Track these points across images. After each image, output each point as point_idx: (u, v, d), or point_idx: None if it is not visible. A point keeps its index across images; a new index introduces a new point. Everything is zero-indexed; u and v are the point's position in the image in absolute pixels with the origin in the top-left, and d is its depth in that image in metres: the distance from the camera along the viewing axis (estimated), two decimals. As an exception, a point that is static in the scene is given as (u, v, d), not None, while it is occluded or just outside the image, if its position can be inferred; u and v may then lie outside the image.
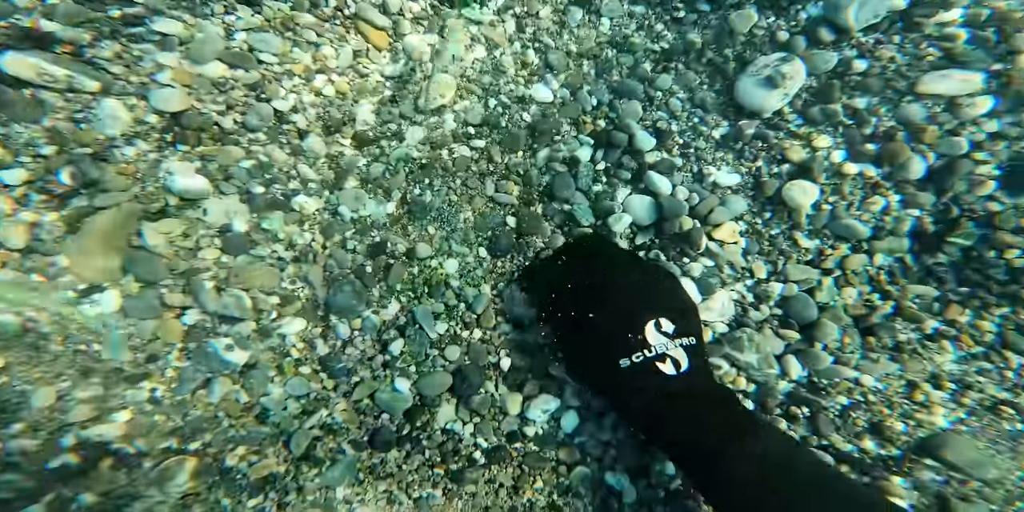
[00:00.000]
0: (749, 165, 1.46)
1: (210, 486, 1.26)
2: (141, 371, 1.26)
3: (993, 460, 1.32)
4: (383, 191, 1.40)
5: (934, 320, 1.38)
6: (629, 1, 1.53)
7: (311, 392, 1.33)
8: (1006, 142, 1.38)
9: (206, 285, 1.28)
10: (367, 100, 1.41)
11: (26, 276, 1.20)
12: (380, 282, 1.36)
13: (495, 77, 1.47)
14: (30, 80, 1.19)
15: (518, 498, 1.34)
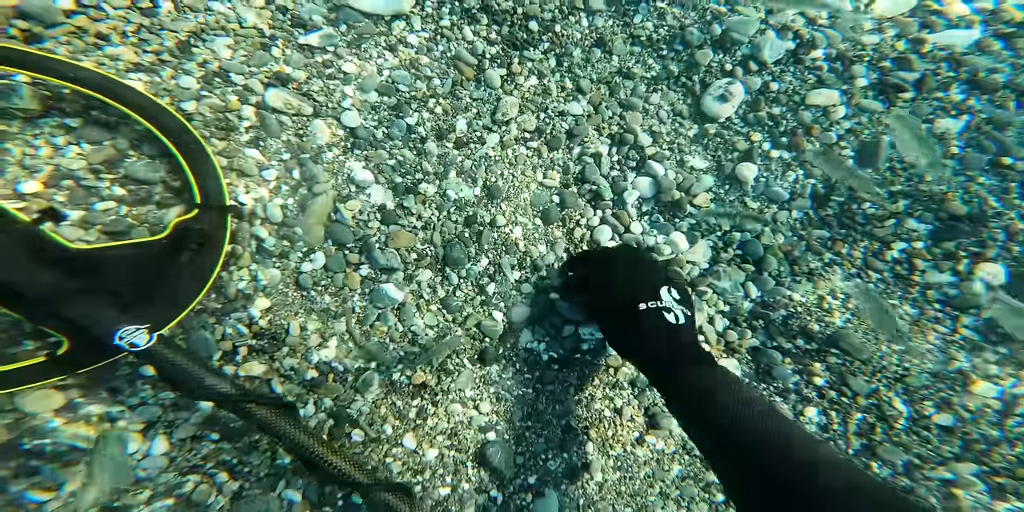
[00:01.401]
0: (713, 154, 1.76)
1: (387, 392, 1.44)
2: (341, 309, 1.46)
3: (865, 346, 1.63)
4: (471, 179, 1.60)
5: (828, 253, 1.71)
6: (631, 43, 1.78)
7: (439, 323, 1.50)
8: (855, 135, 1.78)
9: (376, 246, 1.49)
10: (462, 116, 1.63)
11: (282, 241, 1.45)
12: (474, 243, 1.55)
13: (543, 98, 1.69)
14: (279, 108, 1.51)
15: (580, 393, 1.54)
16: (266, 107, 1.50)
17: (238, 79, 1.49)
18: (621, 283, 1.40)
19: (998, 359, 1.62)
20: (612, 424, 1.53)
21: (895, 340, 1.64)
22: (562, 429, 1.50)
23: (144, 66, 1.42)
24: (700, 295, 1.65)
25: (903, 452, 1.54)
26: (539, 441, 1.47)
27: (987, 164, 1.76)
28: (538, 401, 1.51)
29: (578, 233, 1.66)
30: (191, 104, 1.43)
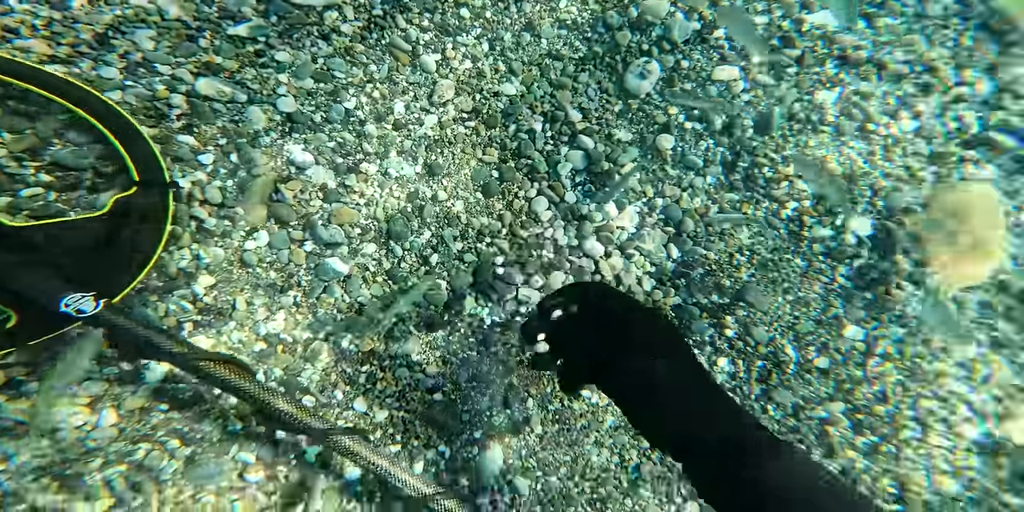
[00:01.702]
0: (636, 127, 1.55)
1: (336, 361, 1.24)
2: (287, 284, 1.23)
3: (767, 298, 1.49)
4: (412, 158, 1.36)
5: (737, 213, 1.54)
6: (557, 27, 1.54)
7: (384, 293, 1.29)
8: (752, 107, 1.59)
9: (319, 223, 1.26)
10: (400, 99, 1.38)
11: (223, 221, 1.20)
12: (417, 217, 1.34)
13: (479, 80, 1.46)
14: (211, 96, 1.26)
15: (523, 353, 1.34)
16: (197, 95, 1.23)
17: (164, 69, 1.22)
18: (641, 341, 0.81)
19: (864, 304, 1.48)
20: (551, 380, 1.34)
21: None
22: (505, 387, 1.30)
23: (60, 57, 1.15)
24: (629, 258, 1.47)
25: (792, 395, 1.40)
26: (483, 399, 1.28)
27: (856, 130, 1.59)
28: (482, 363, 1.31)
29: (517, 205, 1.44)
30: (116, 93, 1.17)
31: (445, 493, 1.10)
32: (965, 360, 1.45)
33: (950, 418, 1.41)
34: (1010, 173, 1.57)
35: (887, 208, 1.52)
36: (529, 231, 1.45)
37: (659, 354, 0.77)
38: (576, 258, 1.46)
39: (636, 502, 1.29)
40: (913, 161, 1.57)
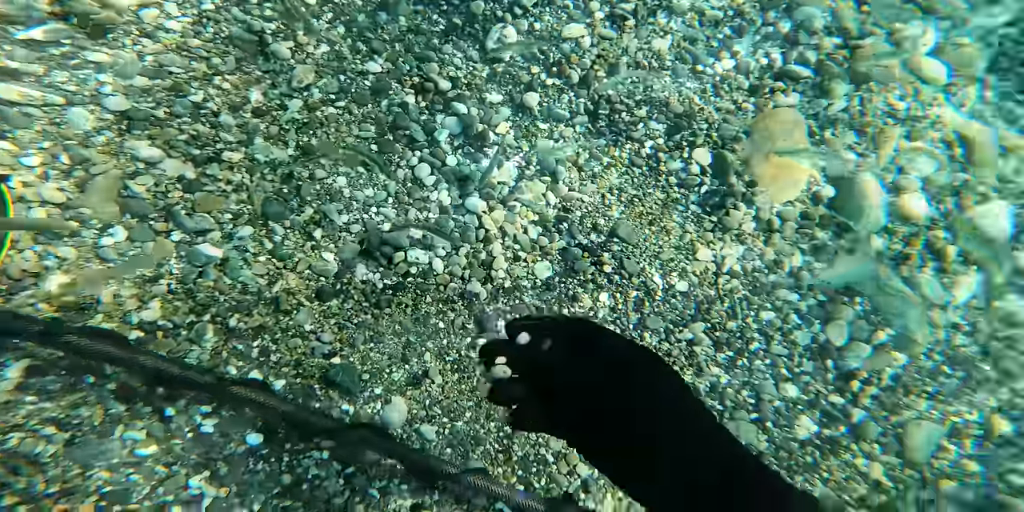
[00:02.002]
0: (506, 88, 1.36)
1: (225, 340, 1.03)
2: (157, 273, 1.01)
3: (637, 232, 1.35)
4: (282, 142, 1.13)
5: (606, 157, 1.38)
6: (412, 3, 1.32)
7: (268, 271, 1.08)
8: (603, 59, 1.41)
9: (181, 213, 1.03)
10: (255, 88, 1.13)
11: (69, 222, 0.96)
12: (295, 197, 1.12)
13: (340, 62, 1.22)
14: (17, 101, 0.95)
15: (417, 312, 1.17)
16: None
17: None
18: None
19: (712, 227, 1.37)
20: (447, 334, 1.18)
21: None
22: (403, 345, 1.14)
23: None
24: (511, 210, 1.29)
25: (662, 320, 1.29)
26: (382, 358, 1.12)
27: (689, 72, 1.45)
28: (378, 324, 1.13)
29: (401, 174, 1.25)
30: None
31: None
32: (795, 267, 1.38)
33: (784, 327, 1.32)
34: (810, 99, 1.47)
35: (721, 138, 1.40)
36: (415, 196, 1.27)
37: (671, 413, 0.47)
38: (460, 216, 1.29)
39: (540, 436, 1.17)
40: (737, 95, 1.44)
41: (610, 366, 0.49)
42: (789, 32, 1.51)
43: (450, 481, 1.00)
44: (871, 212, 1.34)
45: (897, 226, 1.37)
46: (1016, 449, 1.20)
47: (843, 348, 1.28)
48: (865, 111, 1.43)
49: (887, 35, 1.52)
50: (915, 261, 1.34)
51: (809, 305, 1.32)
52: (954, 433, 1.23)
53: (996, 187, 1.39)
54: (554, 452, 1.15)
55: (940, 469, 1.21)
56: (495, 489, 1.00)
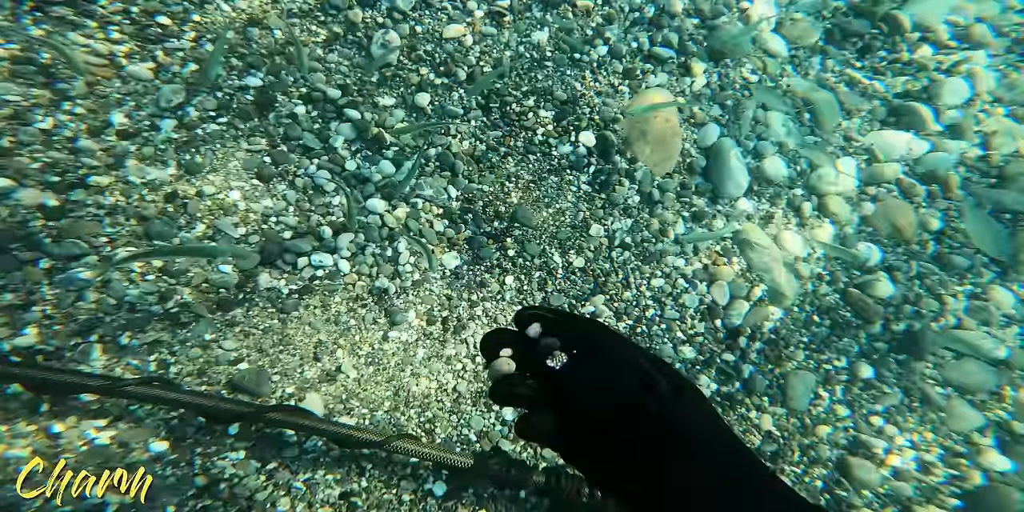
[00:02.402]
0: (397, 91, 1.28)
1: (118, 357, 0.93)
2: (27, 301, 0.90)
3: (535, 215, 1.31)
4: (160, 162, 1.03)
5: (503, 147, 1.32)
6: (285, 17, 1.20)
7: (160, 288, 0.98)
8: (488, 55, 1.36)
9: (45, 241, 0.92)
10: (116, 111, 1.01)
11: None
12: (183, 214, 1.03)
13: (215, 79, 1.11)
14: None
15: (327, 311, 1.11)
16: None
17: None
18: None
19: (602, 204, 1.34)
20: (359, 330, 1.12)
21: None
22: (314, 345, 1.08)
23: None
24: (414, 206, 1.24)
25: (565, 296, 1.26)
26: (293, 359, 1.06)
27: (568, 60, 1.40)
28: (287, 327, 1.07)
29: (300, 182, 1.17)
30: None
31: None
32: (680, 235, 1.37)
33: (674, 292, 1.31)
34: (677, 77, 1.46)
35: (602, 120, 1.37)
36: (316, 203, 1.19)
37: (694, 434, 0.38)
38: (363, 217, 1.23)
39: (460, 418, 1.14)
40: (613, 79, 1.42)
41: (625, 377, 0.39)
42: (653, 16, 1.48)
43: (378, 448, 0.94)
44: (736, 177, 1.35)
45: (762, 188, 1.39)
46: (876, 392, 1.24)
47: (727, 306, 1.30)
48: (724, 85, 1.43)
49: (739, 14, 1.51)
50: (779, 218, 1.36)
51: (694, 269, 1.33)
52: (827, 380, 1.26)
53: (841, 146, 1.42)
54: (476, 432, 1.12)
55: (817, 416, 1.23)
56: (423, 450, 0.96)
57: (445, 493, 1.05)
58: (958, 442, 1.23)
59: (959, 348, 1.27)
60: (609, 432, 0.37)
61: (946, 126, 1.45)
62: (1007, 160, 1.43)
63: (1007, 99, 1.50)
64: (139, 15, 1.06)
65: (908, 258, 1.34)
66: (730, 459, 0.37)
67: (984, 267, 1.35)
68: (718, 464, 0.36)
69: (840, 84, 1.50)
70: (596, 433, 0.37)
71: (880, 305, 1.29)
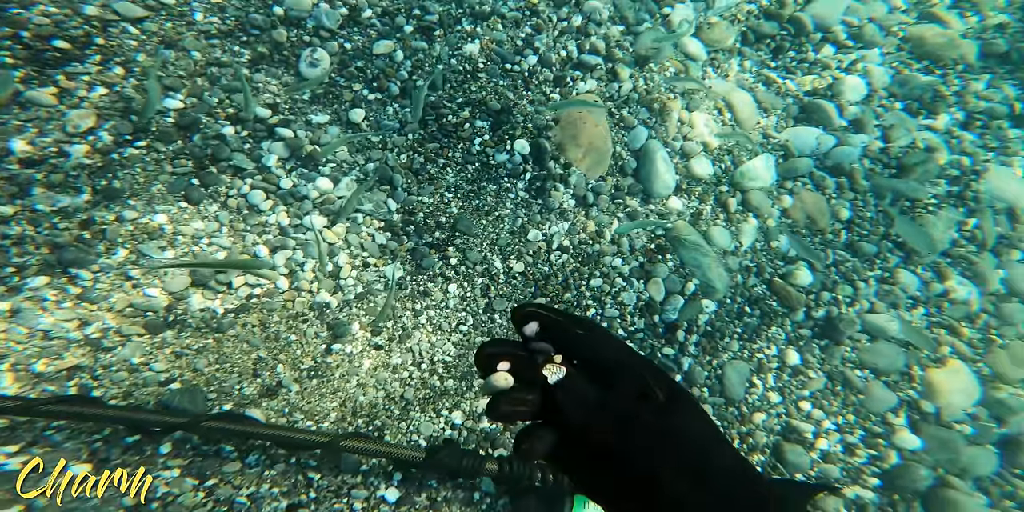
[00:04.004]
0: (331, 108, 1.22)
1: (33, 383, 0.83)
2: None
3: (475, 223, 1.27)
4: (72, 188, 0.96)
5: (441, 159, 1.29)
6: (204, 38, 1.14)
7: (79, 315, 0.91)
8: (421, 69, 1.33)
9: None
10: (16, 138, 0.94)
11: None
12: (102, 241, 0.96)
13: (127, 103, 1.04)
14: None
15: (266, 329, 1.06)
16: None
17: None
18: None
19: (539, 209, 1.31)
20: (300, 345, 1.08)
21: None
22: (252, 361, 1.03)
23: None
24: (354, 221, 1.20)
25: (507, 301, 1.23)
26: (231, 377, 1.01)
27: (501, 71, 1.38)
28: (222, 346, 1.02)
29: (233, 203, 1.12)
30: None
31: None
32: (615, 235, 1.35)
33: (612, 290, 1.29)
34: (605, 83, 1.46)
35: (536, 128, 1.36)
36: (251, 222, 1.13)
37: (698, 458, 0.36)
38: (301, 234, 1.18)
39: (409, 424, 1.10)
40: (545, 87, 1.40)
41: (625, 388, 0.36)
42: (580, 25, 1.48)
43: (326, 448, 0.89)
44: (664, 178, 1.35)
45: (692, 186, 1.40)
46: (803, 377, 1.26)
47: (664, 302, 1.30)
48: (650, 89, 1.44)
49: (662, 20, 1.52)
50: (707, 215, 1.37)
51: (631, 268, 1.33)
52: (759, 369, 1.27)
53: (760, 143, 1.45)
54: (426, 437, 1.09)
55: (752, 404, 1.24)
56: (373, 448, 0.92)
57: (398, 499, 1.02)
58: (876, 423, 1.26)
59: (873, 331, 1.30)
60: (607, 447, 0.35)
61: (849, 121, 1.49)
62: (904, 151, 1.48)
63: (901, 94, 1.56)
64: (31, 39, 0.99)
65: (824, 247, 1.37)
66: (726, 473, 0.35)
67: (890, 252, 1.40)
68: (714, 478, 0.35)
69: (758, 84, 1.53)
70: (594, 448, 0.35)
71: (802, 293, 1.32)
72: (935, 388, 1.26)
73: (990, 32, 1.71)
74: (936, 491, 1.17)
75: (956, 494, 1.15)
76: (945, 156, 1.52)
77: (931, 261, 1.39)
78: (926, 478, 1.17)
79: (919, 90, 1.55)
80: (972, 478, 1.23)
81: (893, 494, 1.20)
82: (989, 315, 1.39)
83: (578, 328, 0.39)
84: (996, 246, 1.48)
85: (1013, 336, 1.37)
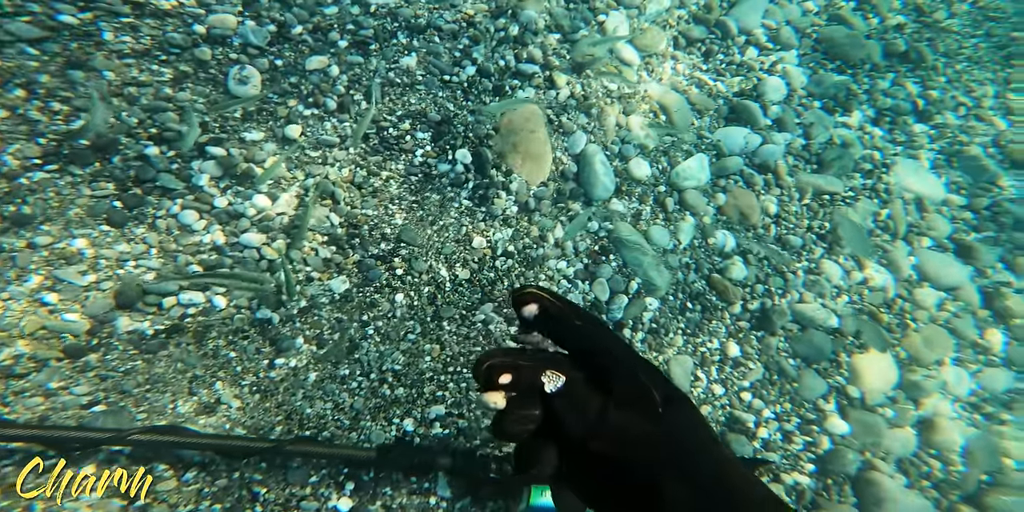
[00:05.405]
0: (265, 124, 1.16)
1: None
2: None
3: (420, 233, 1.24)
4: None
5: (385, 171, 1.25)
6: (118, 58, 1.06)
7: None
8: (357, 83, 1.28)
9: None
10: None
11: None
12: (12, 267, 0.89)
13: (32, 125, 0.97)
14: None
15: (203, 347, 1.00)
16: None
17: None
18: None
19: (483, 217, 1.28)
20: (240, 361, 1.03)
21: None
22: (189, 379, 0.97)
23: None
24: (299, 236, 1.15)
25: (454, 308, 1.19)
26: (163, 396, 0.94)
27: (440, 82, 1.34)
28: (153, 367, 0.95)
29: (162, 224, 1.05)
30: None
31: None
32: (559, 239, 1.33)
33: (558, 292, 1.25)
34: (544, 91, 1.44)
35: (476, 137, 1.32)
36: (184, 242, 1.07)
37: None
38: (238, 252, 1.12)
39: (360, 433, 1.05)
40: (484, 97, 1.37)
41: (624, 393, 0.34)
42: (518, 34, 1.45)
43: (272, 454, 0.84)
44: (603, 181, 1.34)
45: (632, 187, 1.40)
46: (744, 369, 1.27)
47: (608, 302, 1.29)
48: (587, 95, 1.43)
49: (597, 27, 1.51)
50: (647, 215, 1.37)
51: (576, 270, 1.31)
52: (703, 362, 1.27)
53: (694, 143, 1.46)
54: (377, 446, 1.04)
55: (698, 397, 1.23)
56: (322, 450, 0.87)
57: (350, 509, 0.98)
58: (809, 410, 1.28)
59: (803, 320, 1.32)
60: (607, 456, 0.33)
61: (773, 120, 1.52)
62: (823, 147, 1.52)
63: (818, 93, 1.59)
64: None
65: (756, 241, 1.38)
66: (725, 477, 0.34)
67: (814, 244, 1.43)
68: (713, 483, 0.33)
69: (691, 86, 1.54)
70: (594, 457, 0.34)
71: (738, 286, 1.33)
72: (859, 374, 1.29)
73: (891, 33, 1.77)
74: (863, 474, 1.19)
75: (880, 476, 1.17)
76: (859, 151, 1.56)
77: (851, 251, 1.43)
78: (854, 462, 1.19)
79: (833, 89, 1.59)
80: (895, 460, 1.26)
81: (827, 479, 1.21)
82: (904, 300, 1.44)
83: (577, 318, 0.37)
84: (907, 234, 1.53)
85: (926, 319, 1.42)
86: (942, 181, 1.63)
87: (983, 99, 1.80)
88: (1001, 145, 1.73)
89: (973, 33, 1.90)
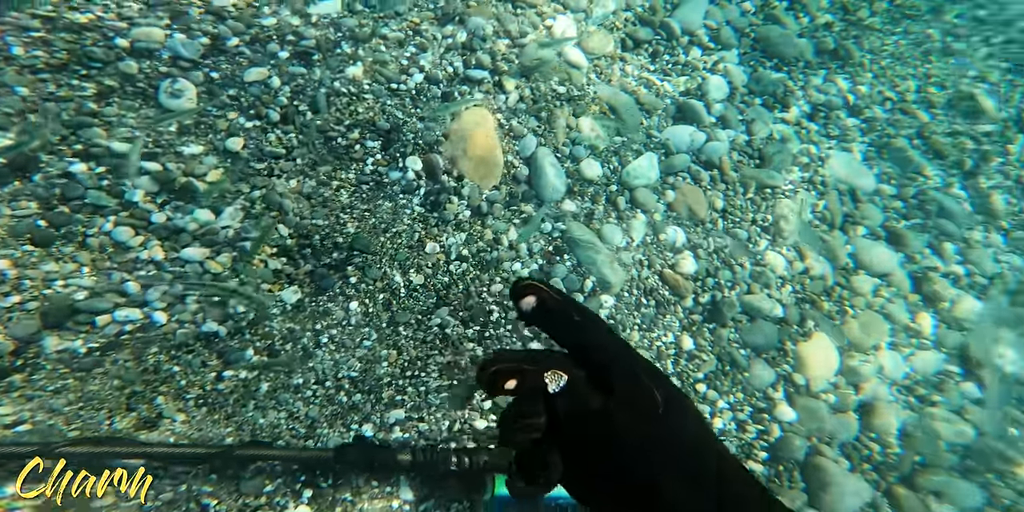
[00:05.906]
0: (205, 138, 1.12)
1: None
2: None
3: (373, 241, 1.21)
4: None
5: (335, 181, 1.23)
6: (31, 74, 1.01)
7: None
8: (302, 93, 1.25)
9: None
10: None
11: None
12: None
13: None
14: None
15: (143, 362, 0.96)
16: None
17: None
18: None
19: (436, 222, 1.26)
20: (184, 375, 0.98)
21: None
22: (127, 395, 0.92)
23: None
24: (243, 249, 1.10)
25: (410, 313, 1.17)
26: (99, 413, 0.89)
27: (388, 91, 1.31)
28: (86, 385, 0.90)
29: (94, 242, 1.00)
30: None
31: None
32: (513, 241, 1.32)
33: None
34: (493, 96, 1.43)
35: (426, 144, 1.31)
36: (119, 260, 1.01)
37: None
38: (179, 267, 1.07)
39: (317, 440, 1.02)
40: (433, 103, 1.36)
41: (625, 393, 0.34)
42: (465, 41, 1.44)
43: (223, 459, 0.79)
44: (554, 182, 1.34)
45: (584, 188, 1.40)
46: (698, 361, 1.28)
47: (564, 296, 1.28)
48: (536, 99, 1.43)
49: (545, 32, 1.52)
50: (600, 214, 1.38)
51: (531, 271, 1.30)
52: (659, 356, 1.28)
53: (644, 142, 1.48)
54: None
55: None
56: (276, 454, 0.82)
57: None
58: (760, 399, 1.30)
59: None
60: (609, 456, 0.33)
61: (717, 117, 1.55)
62: (764, 142, 1.56)
63: (758, 91, 1.64)
64: None
65: (705, 235, 1.41)
66: (723, 477, 0.33)
67: (758, 236, 1.47)
68: (712, 483, 0.33)
69: (640, 87, 1.56)
70: (595, 458, 0.33)
71: (689, 280, 1.35)
72: (804, 361, 1.32)
73: (820, 31, 1.84)
74: (810, 459, 1.22)
75: (825, 461, 1.20)
76: (796, 145, 1.61)
77: (794, 242, 1.47)
78: (802, 448, 1.22)
79: (772, 86, 1.64)
80: (838, 444, 1.29)
81: (778, 465, 1.24)
82: (842, 288, 1.49)
83: (575, 314, 0.37)
84: (843, 224, 1.59)
85: (863, 305, 1.47)
86: (873, 172, 1.70)
87: (906, 93, 1.89)
88: (925, 136, 1.83)
89: (893, 30, 1.99)
